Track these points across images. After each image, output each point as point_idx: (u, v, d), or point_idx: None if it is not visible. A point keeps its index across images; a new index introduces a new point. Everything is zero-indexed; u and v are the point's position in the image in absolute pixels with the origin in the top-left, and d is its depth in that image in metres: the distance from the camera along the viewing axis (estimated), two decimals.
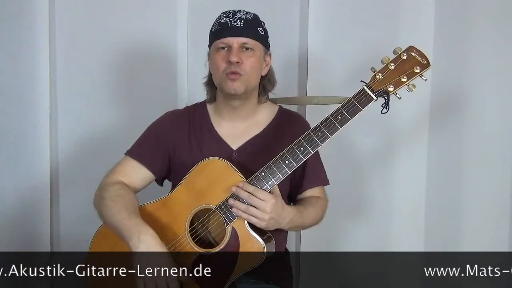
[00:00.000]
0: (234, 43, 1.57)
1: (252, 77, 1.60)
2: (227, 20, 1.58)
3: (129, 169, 1.66)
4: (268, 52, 1.66)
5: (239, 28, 1.57)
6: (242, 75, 1.57)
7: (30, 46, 2.13)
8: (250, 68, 1.58)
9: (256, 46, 1.60)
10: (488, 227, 2.20)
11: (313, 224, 1.66)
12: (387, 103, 1.46)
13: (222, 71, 1.58)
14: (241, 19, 1.58)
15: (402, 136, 2.23)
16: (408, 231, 2.24)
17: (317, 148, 1.46)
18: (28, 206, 2.20)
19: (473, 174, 2.20)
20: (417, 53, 1.46)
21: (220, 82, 1.61)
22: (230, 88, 1.58)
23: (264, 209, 1.46)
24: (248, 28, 1.58)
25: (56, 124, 2.23)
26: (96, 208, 1.61)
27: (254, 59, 1.59)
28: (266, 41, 1.65)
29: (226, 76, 1.57)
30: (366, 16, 2.19)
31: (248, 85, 1.59)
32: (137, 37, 2.22)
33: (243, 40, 1.58)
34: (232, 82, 1.57)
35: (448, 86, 2.17)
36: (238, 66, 1.56)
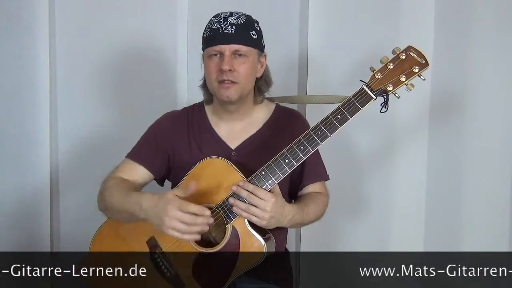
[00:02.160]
0: (226, 50, 1.55)
1: (246, 83, 1.59)
2: (218, 26, 1.56)
3: (129, 170, 1.67)
4: (263, 53, 1.65)
5: (231, 34, 1.55)
6: (236, 83, 1.56)
7: (30, 46, 2.14)
8: (243, 75, 1.57)
9: (249, 52, 1.58)
10: (488, 227, 2.20)
11: (314, 220, 1.66)
12: (386, 102, 1.47)
13: (215, 79, 1.57)
14: (233, 25, 1.55)
15: (402, 135, 2.23)
16: (408, 231, 2.25)
17: (317, 147, 1.46)
18: (28, 206, 2.20)
19: (473, 174, 2.20)
20: (415, 53, 1.46)
21: (213, 89, 1.60)
22: (223, 96, 1.57)
23: (265, 208, 1.46)
24: (240, 33, 1.56)
25: (56, 124, 2.24)
26: (100, 205, 1.61)
27: (247, 65, 1.57)
28: (260, 44, 1.63)
29: (219, 84, 1.57)
30: (366, 16, 2.19)
31: (243, 91, 1.59)
32: (137, 38, 2.22)
33: (235, 47, 1.56)
34: (225, 90, 1.56)
35: (448, 85, 2.18)
36: (231, 74, 1.55)
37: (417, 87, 1.48)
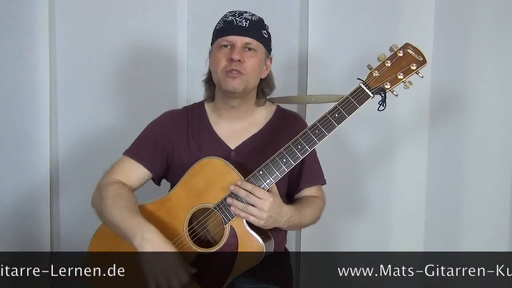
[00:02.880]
0: (238, 42, 1.58)
1: (252, 77, 1.60)
2: (233, 19, 1.59)
3: (127, 169, 1.66)
4: (269, 56, 1.67)
5: (244, 27, 1.58)
6: (243, 74, 1.57)
7: (30, 46, 2.14)
8: (251, 67, 1.58)
9: (259, 48, 1.60)
10: (488, 227, 2.20)
11: (310, 223, 1.66)
12: (384, 100, 1.46)
13: (222, 68, 1.58)
14: (247, 20, 1.58)
15: (402, 135, 2.23)
16: (408, 231, 2.24)
17: (314, 146, 1.46)
18: (28, 206, 2.21)
19: (473, 173, 2.19)
20: (413, 50, 1.46)
21: (219, 79, 1.60)
22: (229, 85, 1.58)
23: (262, 208, 1.46)
24: (253, 28, 1.59)
25: (56, 124, 2.24)
26: (95, 208, 1.62)
27: (256, 59, 1.59)
28: (269, 45, 1.66)
29: (226, 74, 1.57)
30: (366, 16, 2.19)
31: (248, 84, 1.59)
32: (137, 37, 2.22)
33: (247, 40, 1.58)
34: (231, 80, 1.57)
35: (448, 84, 2.17)
36: (240, 65, 1.56)
37: (417, 86, 1.48)
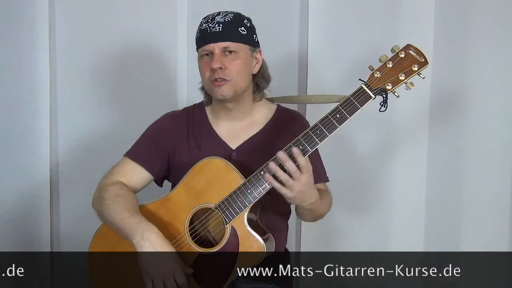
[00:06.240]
0: (216, 48, 1.56)
1: (240, 79, 1.59)
2: (206, 26, 1.57)
3: (128, 170, 1.66)
4: (257, 49, 1.64)
5: (218, 33, 1.56)
6: (228, 80, 1.56)
7: (30, 46, 2.14)
8: (235, 71, 1.57)
9: (239, 48, 1.58)
10: (488, 227, 2.19)
11: (322, 214, 1.64)
12: (385, 101, 1.46)
13: (207, 78, 1.58)
14: (219, 23, 1.56)
15: (402, 135, 2.23)
16: (408, 231, 2.24)
17: (316, 146, 1.45)
18: (28, 206, 2.21)
19: (473, 173, 2.19)
20: (414, 51, 1.45)
21: (208, 89, 1.62)
22: (217, 94, 1.58)
23: (300, 179, 1.42)
24: (227, 31, 1.56)
25: (56, 124, 2.24)
26: (96, 208, 1.61)
27: (238, 61, 1.57)
28: (252, 39, 1.62)
29: (212, 83, 1.58)
30: (366, 15, 2.19)
31: (237, 88, 1.59)
32: (137, 38, 2.22)
33: (224, 44, 1.56)
34: (218, 88, 1.57)
35: (448, 84, 2.17)
36: (222, 72, 1.56)
37: (417, 86, 1.47)
